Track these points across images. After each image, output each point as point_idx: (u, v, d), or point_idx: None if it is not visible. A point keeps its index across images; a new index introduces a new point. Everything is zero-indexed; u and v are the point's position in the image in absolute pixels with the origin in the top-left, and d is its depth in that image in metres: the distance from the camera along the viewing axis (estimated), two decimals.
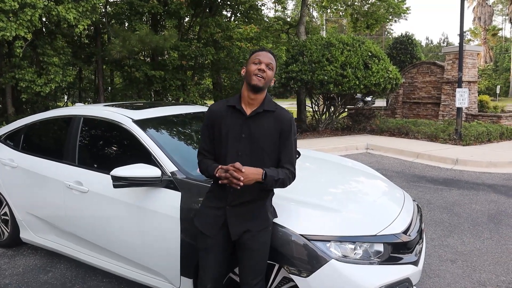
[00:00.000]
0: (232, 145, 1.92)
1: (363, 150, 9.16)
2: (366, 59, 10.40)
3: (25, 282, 3.02)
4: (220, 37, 11.50)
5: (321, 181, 2.81)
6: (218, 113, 1.97)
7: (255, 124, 1.93)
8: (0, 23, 6.48)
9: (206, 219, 2.00)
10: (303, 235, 2.02)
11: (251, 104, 1.94)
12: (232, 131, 1.93)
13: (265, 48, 1.97)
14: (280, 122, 1.95)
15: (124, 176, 2.35)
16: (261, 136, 1.92)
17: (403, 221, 2.38)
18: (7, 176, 3.43)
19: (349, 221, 2.19)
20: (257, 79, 1.87)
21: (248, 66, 1.93)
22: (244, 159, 1.89)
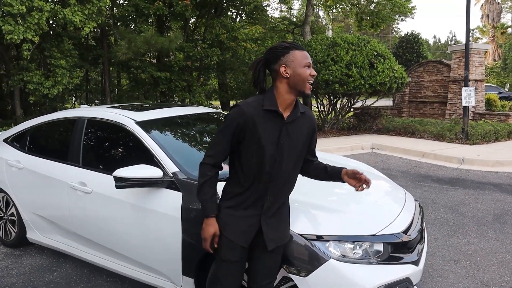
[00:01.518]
0: (269, 153, 1.77)
1: (369, 150, 9.13)
2: (371, 58, 10.36)
3: (31, 281, 3.08)
4: (225, 38, 11.55)
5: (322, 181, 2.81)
6: (253, 116, 1.75)
7: (293, 128, 1.83)
8: (8, 27, 6.59)
9: (238, 228, 1.83)
10: (302, 234, 2.04)
11: (287, 107, 1.81)
12: (270, 137, 1.77)
13: (300, 45, 1.80)
14: (311, 122, 1.92)
15: (126, 177, 2.39)
16: (299, 140, 1.86)
17: (404, 221, 2.38)
18: (14, 177, 3.50)
19: (348, 221, 2.20)
20: (310, 87, 1.77)
21: (298, 69, 1.73)
22: (279, 166, 1.81)
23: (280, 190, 1.85)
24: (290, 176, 1.87)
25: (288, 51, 1.75)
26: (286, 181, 1.86)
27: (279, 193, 1.85)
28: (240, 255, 1.84)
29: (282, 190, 1.86)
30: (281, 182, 1.84)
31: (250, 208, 1.83)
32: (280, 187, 1.84)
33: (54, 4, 7.19)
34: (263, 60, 1.81)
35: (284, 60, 1.75)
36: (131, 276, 2.76)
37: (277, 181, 1.82)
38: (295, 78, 1.74)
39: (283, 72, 1.75)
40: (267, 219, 1.84)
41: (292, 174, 1.88)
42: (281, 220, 1.90)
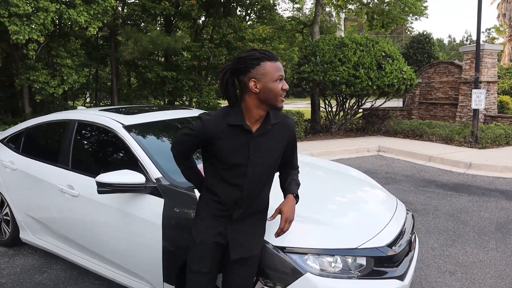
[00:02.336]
0: (238, 168, 1.73)
1: (375, 152, 9.00)
2: (379, 59, 10.20)
3: (20, 282, 3.09)
4: (232, 38, 11.50)
5: (306, 189, 2.75)
6: (215, 133, 1.70)
7: (264, 141, 1.75)
8: (14, 27, 6.66)
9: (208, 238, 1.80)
10: (279, 246, 1.98)
11: (256, 119, 1.72)
12: (238, 153, 1.71)
13: (274, 55, 1.68)
14: (288, 130, 1.83)
15: (108, 182, 2.37)
16: (273, 153, 1.79)
17: (390, 233, 2.30)
18: (7, 177, 3.52)
19: (330, 233, 2.13)
20: (282, 101, 1.68)
21: (269, 84, 1.63)
22: (251, 180, 1.76)
23: (251, 203, 1.81)
24: (263, 188, 1.82)
25: (259, 62, 1.63)
26: (258, 194, 1.82)
27: (250, 205, 1.81)
28: (210, 266, 1.80)
29: (253, 203, 1.82)
30: (252, 195, 1.80)
31: (219, 217, 1.80)
32: (251, 200, 1.80)
33: (60, 5, 7.24)
34: (231, 69, 1.69)
35: (254, 73, 1.63)
36: (116, 280, 2.75)
37: (248, 195, 1.78)
38: (266, 93, 1.65)
39: (252, 87, 1.65)
40: (234, 228, 1.81)
41: (265, 186, 1.84)
42: (252, 231, 1.84)
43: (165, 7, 9.97)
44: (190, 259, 1.84)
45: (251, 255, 1.82)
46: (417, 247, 2.75)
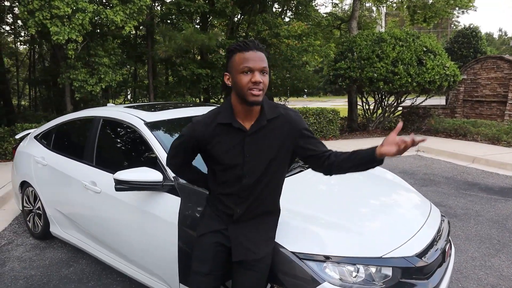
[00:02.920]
0: (235, 169, 1.63)
1: (413, 152, 8.56)
2: (420, 54, 9.69)
3: (47, 274, 3.17)
4: (267, 35, 11.38)
5: (330, 192, 2.59)
6: (205, 135, 1.62)
7: (260, 138, 1.61)
8: (55, 28, 6.92)
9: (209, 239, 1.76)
10: (296, 253, 1.85)
11: (247, 117, 1.61)
12: (232, 154, 1.62)
13: (248, 44, 1.51)
14: (290, 125, 1.65)
15: (126, 180, 2.34)
16: (272, 150, 1.63)
17: (421, 241, 2.11)
18: (39, 173, 3.63)
19: (352, 239, 1.97)
20: (254, 94, 1.50)
21: (236, 75, 1.52)
22: (251, 179, 1.64)
23: (254, 204, 1.70)
24: (267, 188, 1.70)
25: (232, 55, 1.54)
26: (261, 195, 1.70)
27: (253, 206, 1.71)
28: (211, 267, 1.74)
29: (257, 204, 1.71)
30: (254, 195, 1.69)
31: (221, 217, 1.75)
32: (253, 200, 1.70)
33: (97, 5, 7.46)
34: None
35: (228, 66, 1.57)
36: (135, 278, 2.73)
37: (248, 195, 1.68)
38: (236, 87, 1.54)
39: (226, 81, 1.59)
40: (237, 229, 1.73)
41: (270, 186, 1.71)
42: (257, 233, 1.74)
43: (199, 4, 10.04)
44: (192, 258, 1.80)
45: (254, 258, 1.71)
46: (453, 256, 2.52)
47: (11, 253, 3.61)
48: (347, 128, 12.48)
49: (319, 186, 2.64)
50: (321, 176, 2.82)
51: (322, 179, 2.80)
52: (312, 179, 2.72)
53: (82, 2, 7.06)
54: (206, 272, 1.73)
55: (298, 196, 2.37)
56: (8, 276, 3.16)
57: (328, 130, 10.20)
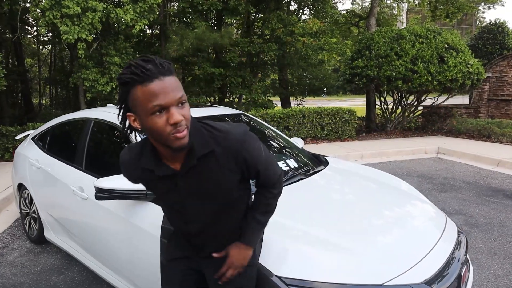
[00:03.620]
0: (176, 214, 1.42)
1: (433, 154, 8.15)
2: (441, 51, 9.23)
3: (37, 282, 3.04)
4: (282, 33, 11.12)
5: (333, 203, 2.34)
6: (136, 175, 1.39)
7: (195, 179, 1.32)
8: (65, 27, 6.88)
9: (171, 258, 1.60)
10: (282, 277, 1.62)
11: (177, 157, 1.28)
12: (171, 200, 1.38)
13: (151, 70, 1.10)
14: (228, 157, 1.30)
15: (107, 188, 2.16)
16: (213, 190, 1.35)
17: (431, 265, 1.83)
18: (33, 175, 3.52)
19: (348, 263, 1.72)
20: (179, 137, 1.15)
21: (145, 119, 1.14)
22: (198, 224, 1.42)
23: (215, 242, 1.50)
24: (225, 225, 1.47)
25: (129, 89, 1.13)
26: (220, 232, 1.48)
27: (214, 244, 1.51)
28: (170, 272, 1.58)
29: (218, 242, 1.50)
30: (210, 235, 1.48)
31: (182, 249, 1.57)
32: (212, 240, 1.50)
33: (107, 4, 7.38)
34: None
35: (130, 105, 1.17)
36: None
37: (203, 239, 1.49)
38: (150, 133, 1.18)
39: (132, 123, 1.20)
40: (209, 262, 1.52)
41: (229, 222, 1.46)
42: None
43: (212, 2, 9.88)
44: (161, 282, 1.61)
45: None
46: (472, 278, 2.23)
47: (5, 257, 3.51)
48: (365, 128, 12.09)
49: (319, 196, 2.39)
50: (323, 186, 2.60)
51: (323, 188, 2.56)
52: (313, 189, 2.48)
53: (92, 1, 7.00)
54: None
55: (293, 208, 2.14)
56: None
57: (344, 130, 9.86)
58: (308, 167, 2.86)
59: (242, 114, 3.47)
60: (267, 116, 9.08)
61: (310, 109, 9.78)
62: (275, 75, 16.86)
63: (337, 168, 2.96)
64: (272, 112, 9.29)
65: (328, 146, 8.86)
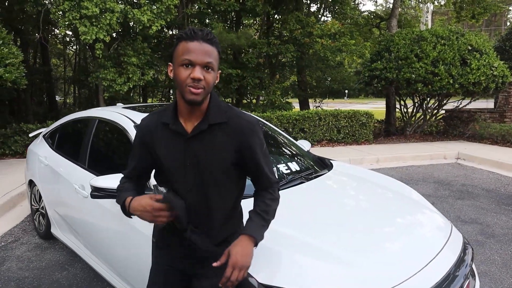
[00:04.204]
0: (177, 180, 1.42)
1: (453, 159, 7.88)
2: (464, 54, 8.93)
3: (40, 278, 3.09)
4: (299, 34, 11.03)
5: (332, 210, 2.25)
6: (151, 135, 1.44)
7: (201, 145, 1.39)
8: (83, 28, 7.02)
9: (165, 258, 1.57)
10: (266, 285, 1.57)
11: (191, 117, 1.40)
12: (173, 159, 1.41)
13: (196, 33, 1.30)
14: (237, 137, 1.39)
15: (101, 187, 2.16)
16: (212, 161, 1.39)
17: (429, 277, 1.74)
18: (42, 172, 3.59)
19: (337, 274, 1.64)
20: (193, 92, 1.29)
21: (176, 67, 1.32)
22: (192, 194, 1.42)
23: (201, 223, 1.45)
24: (213, 206, 1.44)
25: (177, 43, 1.33)
26: (207, 214, 1.45)
27: (201, 226, 1.46)
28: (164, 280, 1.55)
29: (204, 223, 1.45)
30: (199, 213, 1.44)
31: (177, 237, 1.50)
32: (200, 219, 1.45)
33: (125, 5, 7.50)
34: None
35: (173, 56, 1.35)
36: None
37: (195, 211, 1.43)
38: (175, 81, 1.34)
39: (169, 73, 1.38)
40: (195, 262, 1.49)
41: (216, 204, 1.44)
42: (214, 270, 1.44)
43: (230, 3, 9.89)
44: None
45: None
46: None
47: (13, 251, 3.59)
48: (384, 132, 11.84)
49: (316, 201, 2.32)
50: (322, 189, 2.53)
51: (322, 192, 2.48)
52: (311, 193, 2.41)
53: (110, 2, 7.12)
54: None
55: (289, 214, 2.08)
56: (3, 277, 3.12)
57: (361, 134, 9.68)
58: (311, 170, 2.79)
59: None
60: (282, 118, 9.01)
61: (326, 111, 9.64)
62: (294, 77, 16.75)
63: (341, 172, 2.88)
64: (288, 114, 9.21)
65: (343, 149, 8.71)
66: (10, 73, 6.15)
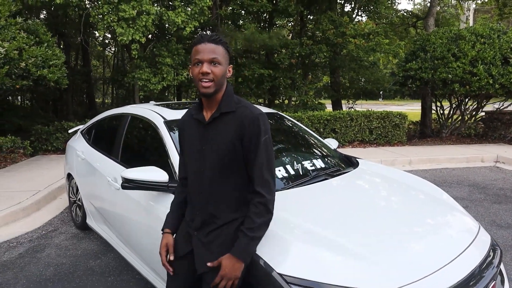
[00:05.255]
0: (194, 161, 1.65)
1: (491, 163, 7.54)
2: (506, 52, 8.51)
3: (75, 264, 3.28)
4: (332, 34, 10.92)
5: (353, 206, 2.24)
6: (184, 124, 1.76)
7: (214, 132, 1.61)
8: (120, 29, 7.33)
9: (178, 239, 1.76)
10: (283, 274, 1.60)
11: (210, 108, 1.63)
12: (194, 144, 1.66)
13: (203, 36, 1.55)
14: (239, 125, 1.56)
15: (132, 179, 2.28)
16: (222, 147, 1.57)
17: (450, 276, 1.70)
18: (78, 166, 3.80)
19: (355, 267, 1.65)
20: (204, 86, 1.53)
21: (191, 68, 1.58)
22: (210, 177, 1.60)
23: (206, 204, 1.61)
24: (215, 188, 1.60)
25: (191, 48, 1.59)
26: (211, 194, 1.61)
27: (205, 208, 1.62)
28: (177, 269, 1.72)
29: (208, 204, 1.61)
30: (206, 194, 1.61)
31: (188, 222, 1.72)
32: (206, 200, 1.61)
33: (160, 7, 7.76)
34: None
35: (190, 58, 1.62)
36: (147, 279, 2.68)
37: (203, 193, 1.61)
38: (192, 78, 1.61)
39: (189, 71, 1.69)
40: (200, 237, 1.64)
41: (217, 187, 1.60)
42: (216, 243, 1.60)
43: (262, 4, 9.97)
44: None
45: (203, 271, 1.61)
46: None
47: (52, 240, 3.82)
48: (420, 133, 11.48)
49: (338, 197, 2.33)
50: (344, 186, 2.52)
51: (344, 189, 2.48)
52: (334, 190, 2.42)
53: (146, 5, 7.39)
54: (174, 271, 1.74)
55: (307, 207, 2.10)
56: (43, 262, 3.34)
57: (394, 135, 9.45)
58: (336, 168, 2.80)
59: (276, 113, 3.48)
60: (313, 118, 8.97)
61: (358, 112, 9.49)
62: (327, 78, 16.58)
63: (366, 170, 2.86)
64: (319, 114, 9.15)
65: (375, 150, 8.55)
66: (53, 73, 6.53)
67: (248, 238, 1.52)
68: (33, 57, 6.06)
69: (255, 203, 1.54)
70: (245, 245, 1.52)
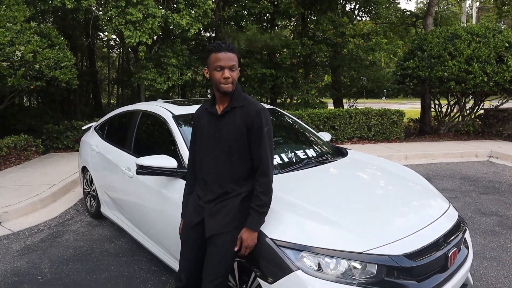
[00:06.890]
0: (207, 146, 1.99)
1: (484, 158, 7.81)
2: (500, 51, 8.76)
3: (92, 247, 3.62)
4: (332, 34, 11.22)
5: (328, 183, 2.59)
6: (199, 115, 2.09)
7: (225, 122, 1.96)
8: (128, 32, 7.67)
9: (188, 210, 2.10)
10: (274, 239, 1.93)
11: (223, 103, 1.99)
12: (207, 131, 2.00)
13: (222, 46, 1.88)
14: (246, 117, 1.92)
15: (145, 165, 2.61)
16: (231, 134, 1.93)
17: (414, 242, 2.02)
18: (93, 159, 4.14)
19: (335, 232, 1.97)
20: (225, 86, 1.89)
21: (211, 72, 1.91)
22: (221, 159, 1.95)
23: (217, 181, 1.96)
24: (225, 168, 1.95)
25: (209, 54, 1.91)
26: (221, 173, 1.95)
27: (216, 184, 1.97)
28: (188, 236, 2.03)
29: (218, 181, 1.96)
30: (216, 173, 1.96)
31: (200, 196, 2.03)
32: (217, 178, 1.96)
33: (166, 10, 8.09)
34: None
35: (207, 63, 1.95)
36: (160, 258, 3.00)
37: (214, 172, 1.96)
38: (211, 80, 1.94)
39: (205, 74, 1.99)
40: (211, 208, 1.97)
41: (227, 167, 1.94)
42: (224, 211, 1.95)
43: (264, 5, 10.29)
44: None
45: (213, 234, 1.93)
46: (470, 261, 2.35)
47: (69, 227, 4.16)
48: (418, 131, 11.75)
49: (327, 180, 2.65)
50: (332, 172, 2.85)
51: (332, 174, 2.80)
52: (323, 174, 2.74)
53: (152, 8, 7.73)
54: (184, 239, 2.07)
55: (297, 188, 2.42)
56: (63, 245, 3.68)
57: (392, 132, 9.74)
58: (326, 156, 3.12)
59: (275, 109, 3.80)
60: (313, 116, 9.26)
61: (357, 109, 9.79)
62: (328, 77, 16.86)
63: (353, 158, 3.18)
64: (319, 111, 9.45)
65: (373, 146, 8.84)
66: (64, 74, 6.89)
67: (259, 213, 1.90)
68: (46, 59, 6.41)
69: (260, 183, 1.90)
70: (257, 218, 1.90)
